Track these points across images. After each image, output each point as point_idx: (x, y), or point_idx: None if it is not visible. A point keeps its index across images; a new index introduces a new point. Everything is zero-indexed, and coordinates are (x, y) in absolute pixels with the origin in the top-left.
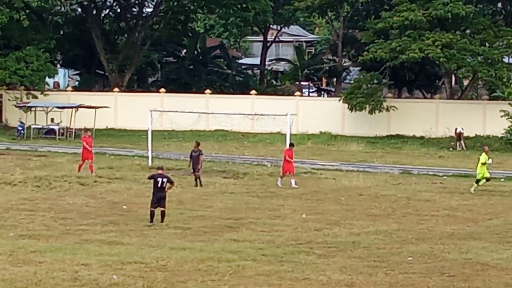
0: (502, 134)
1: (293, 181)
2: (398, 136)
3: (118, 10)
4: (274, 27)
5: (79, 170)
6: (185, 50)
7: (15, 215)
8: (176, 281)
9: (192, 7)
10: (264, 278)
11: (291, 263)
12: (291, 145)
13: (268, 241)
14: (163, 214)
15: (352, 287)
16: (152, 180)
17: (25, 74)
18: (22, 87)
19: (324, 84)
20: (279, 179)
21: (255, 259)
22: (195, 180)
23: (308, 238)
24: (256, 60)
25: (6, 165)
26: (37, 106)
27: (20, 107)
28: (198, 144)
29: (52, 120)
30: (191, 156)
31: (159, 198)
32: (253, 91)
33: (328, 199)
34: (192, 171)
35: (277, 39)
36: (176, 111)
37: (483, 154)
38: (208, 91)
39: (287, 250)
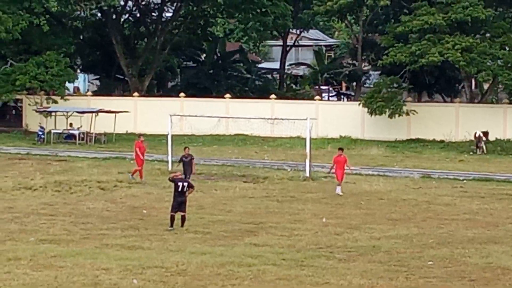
0: None
1: (338, 188)
2: (418, 140)
3: (138, 15)
4: (294, 31)
5: (140, 177)
6: (204, 55)
7: (35, 220)
8: (196, 286)
9: (211, 12)
10: (284, 283)
11: (311, 267)
12: (340, 149)
13: (288, 245)
14: (183, 218)
15: None
16: (172, 184)
17: (45, 79)
18: (42, 92)
19: (343, 88)
20: (338, 186)
21: (276, 264)
22: None
23: (328, 243)
24: (276, 65)
25: (27, 170)
26: (57, 111)
27: (40, 112)
28: (188, 149)
29: (70, 125)
30: (182, 162)
31: (179, 203)
32: (273, 96)
33: (348, 204)
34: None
35: (296, 43)
36: (196, 116)
37: None
38: (227, 95)
39: (307, 254)
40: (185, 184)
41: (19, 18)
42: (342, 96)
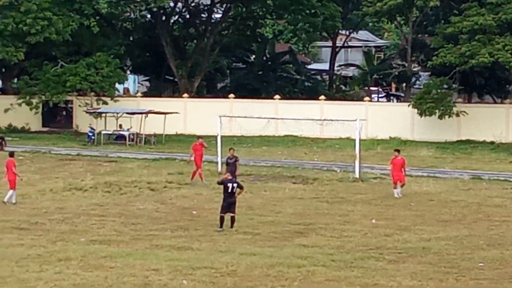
0: None
1: (398, 190)
2: (468, 141)
3: (187, 16)
4: (343, 32)
5: (201, 178)
6: (254, 56)
7: (86, 221)
8: (246, 287)
9: (260, 13)
10: (333, 284)
11: (361, 268)
12: (396, 151)
13: (337, 246)
14: (233, 219)
15: None
16: (222, 186)
17: (95, 80)
18: (93, 93)
19: (393, 89)
20: (395, 189)
21: (325, 265)
22: None
23: (378, 244)
24: (325, 66)
25: (77, 170)
26: (107, 112)
27: (91, 113)
28: (233, 150)
29: (120, 126)
30: (227, 164)
31: (229, 204)
32: (322, 97)
33: (398, 205)
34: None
35: (346, 44)
36: (245, 117)
37: None
38: (277, 96)
39: (357, 255)
40: (235, 185)
41: (70, 19)
42: (392, 97)
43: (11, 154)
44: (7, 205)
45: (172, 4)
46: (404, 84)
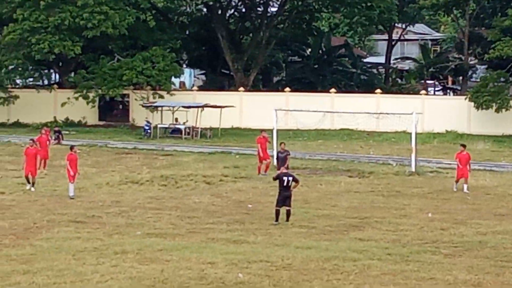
0: None
1: (464, 186)
2: None
3: (243, 10)
4: (399, 25)
5: (259, 171)
6: (310, 49)
7: (142, 214)
8: (302, 280)
9: (316, 6)
10: (389, 278)
11: (417, 262)
12: (462, 145)
13: (393, 240)
14: (288, 213)
15: (479, 287)
16: (277, 181)
17: (151, 74)
18: (149, 87)
19: (449, 83)
20: (455, 183)
21: (381, 258)
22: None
23: (434, 238)
24: (381, 59)
25: (133, 164)
26: (163, 106)
27: (147, 107)
28: (284, 144)
29: (176, 120)
30: (277, 158)
31: (284, 197)
32: (378, 90)
33: (454, 198)
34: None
35: (402, 38)
36: (301, 110)
37: None
38: (333, 90)
39: (412, 249)
40: (290, 178)
41: (126, 13)
42: (448, 91)
43: (72, 148)
44: (73, 199)
45: None
46: (461, 78)
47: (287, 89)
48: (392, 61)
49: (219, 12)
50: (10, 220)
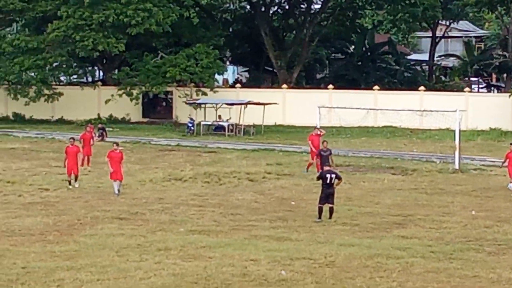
0: None
1: (510, 184)
2: None
3: (287, 7)
4: (443, 22)
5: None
6: (353, 46)
7: (185, 211)
8: (345, 277)
9: (360, 3)
10: (432, 275)
11: (460, 260)
12: None
13: (437, 238)
14: (331, 210)
15: None
16: (320, 180)
17: (195, 71)
18: (192, 84)
19: (494, 80)
20: (510, 183)
21: (424, 256)
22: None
23: (477, 235)
24: (425, 56)
25: (177, 161)
26: (206, 103)
27: (190, 104)
28: (327, 143)
29: (219, 117)
30: (320, 156)
31: (327, 195)
32: (422, 87)
33: (498, 196)
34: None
35: (446, 35)
36: (344, 107)
37: None
38: (376, 87)
39: (456, 247)
40: (333, 175)
41: (170, 11)
42: (492, 88)
43: (117, 144)
44: (119, 196)
45: None
46: (505, 75)
47: (330, 86)
48: (435, 58)
49: (263, 9)
50: (54, 217)
